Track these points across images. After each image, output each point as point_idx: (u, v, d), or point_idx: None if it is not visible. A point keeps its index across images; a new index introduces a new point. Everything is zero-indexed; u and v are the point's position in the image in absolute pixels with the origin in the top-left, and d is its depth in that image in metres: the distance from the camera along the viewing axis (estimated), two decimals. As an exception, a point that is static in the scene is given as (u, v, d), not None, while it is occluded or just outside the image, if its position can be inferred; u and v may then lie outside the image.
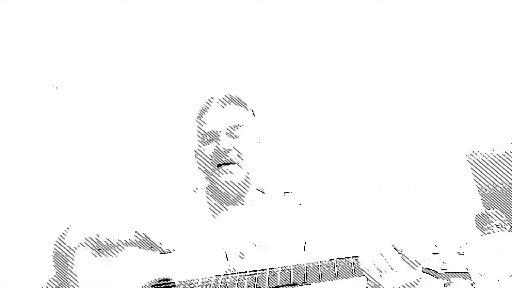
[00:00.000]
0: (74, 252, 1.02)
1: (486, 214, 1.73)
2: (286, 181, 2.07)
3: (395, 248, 0.84)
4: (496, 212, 1.74)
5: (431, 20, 2.09)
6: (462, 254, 0.81)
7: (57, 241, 1.04)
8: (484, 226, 1.71)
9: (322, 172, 2.10)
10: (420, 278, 0.83)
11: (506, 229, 1.66)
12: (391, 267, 0.83)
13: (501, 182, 1.92)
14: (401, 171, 2.06)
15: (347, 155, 2.11)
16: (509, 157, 1.94)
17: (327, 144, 2.14)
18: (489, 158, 1.97)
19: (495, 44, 2.08)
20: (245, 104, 1.19)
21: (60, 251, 1.02)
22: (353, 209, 1.98)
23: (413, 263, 0.82)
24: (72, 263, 1.02)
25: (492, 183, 1.93)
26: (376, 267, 0.84)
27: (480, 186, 1.94)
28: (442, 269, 0.81)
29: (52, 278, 1.05)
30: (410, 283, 0.83)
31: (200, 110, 1.18)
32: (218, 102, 1.15)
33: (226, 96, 1.16)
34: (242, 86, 2.20)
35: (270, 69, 2.23)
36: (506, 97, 2.05)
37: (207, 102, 1.19)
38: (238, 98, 1.18)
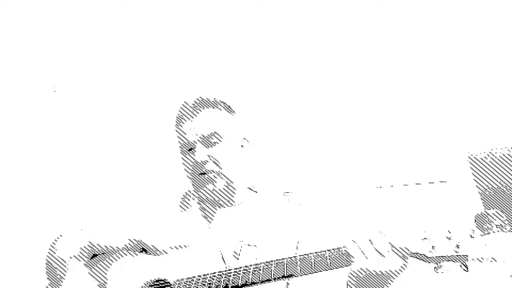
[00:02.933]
0: (66, 264, 1.02)
1: (486, 214, 1.72)
2: (286, 180, 2.07)
3: (383, 235, 0.85)
4: (496, 212, 1.74)
5: (432, 20, 2.09)
6: (450, 238, 0.82)
7: (48, 252, 1.03)
8: (484, 226, 1.70)
9: (321, 171, 2.10)
10: (407, 264, 0.84)
11: (506, 229, 1.66)
12: (379, 253, 0.84)
13: (501, 182, 1.92)
14: (401, 171, 2.05)
15: (347, 155, 2.11)
16: (509, 157, 1.94)
17: (327, 144, 2.14)
18: (489, 158, 1.97)
19: (496, 45, 2.08)
20: (218, 105, 1.15)
21: (52, 262, 1.01)
22: (352, 209, 1.98)
23: (400, 249, 0.83)
24: (63, 274, 1.01)
25: (492, 183, 1.92)
26: (363, 253, 0.85)
27: (480, 186, 1.94)
28: (431, 253, 0.82)
29: None
30: (397, 270, 0.84)
31: (176, 118, 1.16)
32: (190, 109, 1.13)
33: (197, 100, 1.13)
34: (241, 85, 2.20)
35: (270, 69, 2.23)
36: (506, 97, 2.05)
37: (180, 110, 1.16)
38: (209, 100, 1.14)
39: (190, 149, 1.10)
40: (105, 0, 2.09)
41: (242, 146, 1.15)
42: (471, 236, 0.82)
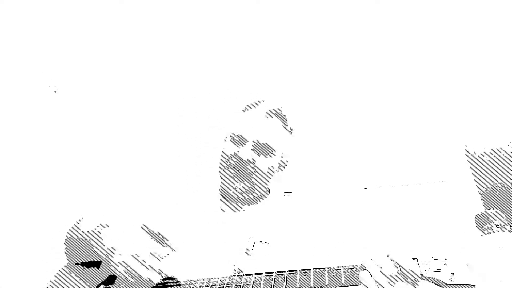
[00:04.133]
0: (99, 234, 1.01)
1: (486, 214, 1.72)
2: (287, 181, 2.07)
3: (393, 261, 0.85)
4: (496, 212, 1.74)
5: (431, 20, 2.09)
6: (471, 266, 0.81)
7: (72, 230, 1.03)
8: (484, 226, 1.70)
9: (321, 171, 2.10)
10: None
11: (506, 229, 1.66)
12: (389, 282, 0.84)
13: (501, 182, 1.92)
14: (401, 171, 2.05)
15: (346, 155, 2.11)
16: (509, 157, 1.94)
17: (326, 144, 2.14)
18: (489, 158, 1.97)
19: (495, 44, 2.08)
20: (287, 122, 1.17)
21: (78, 237, 1.01)
22: (352, 209, 1.98)
23: (412, 276, 0.83)
24: (100, 243, 1.00)
25: (492, 183, 1.92)
26: (375, 282, 0.85)
27: (480, 186, 1.94)
28: (451, 280, 0.81)
29: (63, 269, 1.04)
30: None
31: (245, 106, 1.17)
32: (262, 111, 1.13)
33: (274, 110, 1.14)
34: (240, 85, 2.20)
35: (269, 68, 2.23)
36: (506, 97, 2.05)
37: (252, 104, 1.17)
38: (284, 115, 1.16)
39: (239, 141, 1.11)
40: (105, 0, 2.09)
41: (279, 169, 1.17)
42: (468, 265, 0.81)
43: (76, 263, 1.01)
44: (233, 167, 1.10)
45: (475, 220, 1.80)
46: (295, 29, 2.15)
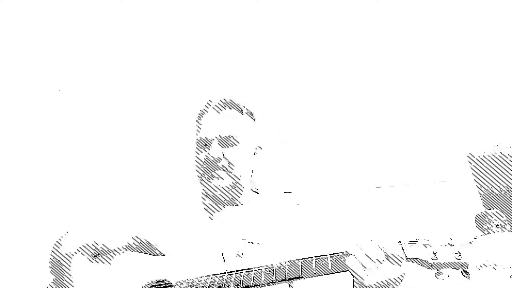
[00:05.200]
0: (70, 259, 1.03)
1: (486, 214, 1.72)
2: (286, 180, 2.07)
3: (378, 246, 0.87)
4: (496, 212, 1.74)
5: (432, 20, 2.09)
6: (452, 245, 0.83)
7: (53, 249, 1.05)
8: (484, 226, 1.70)
9: (321, 171, 2.10)
10: (405, 274, 0.86)
11: (506, 229, 1.66)
12: (375, 264, 0.86)
13: (502, 183, 1.92)
14: (401, 171, 2.05)
15: (347, 155, 2.11)
16: (510, 158, 1.94)
17: (327, 144, 2.14)
18: (489, 159, 1.97)
19: (497, 45, 2.08)
20: (242, 109, 1.19)
21: (57, 258, 1.03)
22: (352, 209, 1.98)
23: (396, 259, 0.85)
24: (68, 269, 1.02)
25: (492, 184, 1.92)
26: (361, 265, 0.87)
27: (480, 187, 1.94)
28: (433, 260, 0.84)
29: (49, 285, 1.05)
30: (394, 279, 0.86)
31: (198, 114, 1.20)
32: (214, 108, 1.16)
33: (222, 101, 1.17)
34: (241, 86, 2.20)
35: (268, 69, 2.23)
36: (508, 97, 2.05)
37: (204, 106, 1.20)
38: (235, 103, 1.18)
39: (206, 145, 1.13)
40: (105, 0, 2.09)
41: (255, 153, 1.18)
42: (470, 243, 0.83)
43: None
44: (210, 170, 1.11)
45: (475, 220, 1.80)
46: (296, 30, 2.15)
